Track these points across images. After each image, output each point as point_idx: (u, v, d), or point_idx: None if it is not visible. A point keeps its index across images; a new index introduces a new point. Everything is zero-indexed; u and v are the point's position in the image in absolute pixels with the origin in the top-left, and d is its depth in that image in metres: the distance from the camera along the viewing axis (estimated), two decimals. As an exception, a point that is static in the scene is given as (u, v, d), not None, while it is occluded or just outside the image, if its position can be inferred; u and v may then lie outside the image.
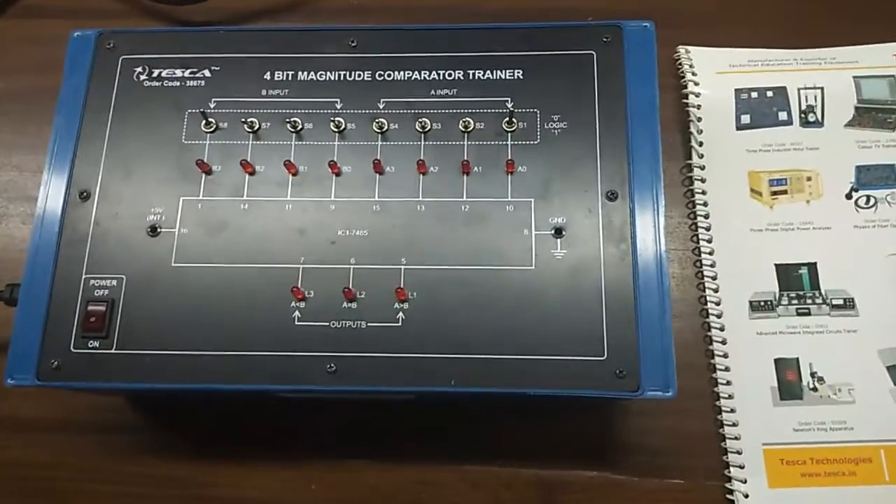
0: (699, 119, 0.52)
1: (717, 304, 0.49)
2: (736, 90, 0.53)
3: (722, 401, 0.47)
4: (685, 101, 0.53)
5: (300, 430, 0.48)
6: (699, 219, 0.51)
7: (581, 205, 0.42)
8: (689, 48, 0.54)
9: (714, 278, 0.50)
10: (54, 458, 0.49)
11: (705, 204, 0.51)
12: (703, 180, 0.52)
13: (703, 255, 0.50)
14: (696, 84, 0.53)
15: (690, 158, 0.52)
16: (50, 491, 0.48)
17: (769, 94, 0.53)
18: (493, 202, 0.43)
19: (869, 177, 0.51)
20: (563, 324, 0.40)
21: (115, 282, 0.42)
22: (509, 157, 0.43)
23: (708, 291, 0.50)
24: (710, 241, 0.51)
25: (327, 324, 0.41)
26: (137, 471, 0.48)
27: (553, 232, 0.42)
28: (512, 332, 0.40)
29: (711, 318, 0.49)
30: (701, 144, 0.52)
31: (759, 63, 0.54)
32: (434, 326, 0.41)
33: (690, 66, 0.54)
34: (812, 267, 0.50)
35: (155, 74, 0.46)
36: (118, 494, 0.48)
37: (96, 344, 0.41)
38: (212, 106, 0.46)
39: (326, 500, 0.47)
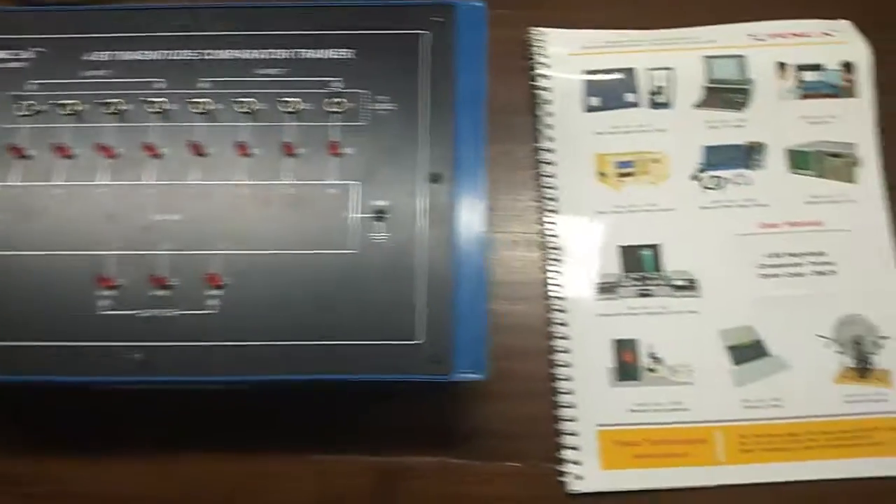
0: (548, 102, 0.52)
1: (561, 286, 0.49)
2: (585, 72, 0.52)
3: (560, 383, 0.47)
4: (533, 83, 0.53)
5: (135, 422, 0.47)
6: (546, 202, 0.51)
7: (405, 187, 0.42)
8: (544, 30, 0.54)
9: (559, 261, 0.50)
10: None
11: (553, 187, 0.51)
12: (551, 163, 0.51)
13: (548, 238, 0.50)
14: (547, 66, 0.52)
15: (540, 141, 0.52)
16: None
17: (618, 75, 0.52)
18: (317, 185, 0.42)
19: (716, 157, 0.51)
20: (382, 308, 0.40)
21: (-81, 271, 0.41)
22: (334, 139, 0.42)
23: (552, 274, 0.50)
24: (555, 224, 0.50)
25: (135, 312, 0.40)
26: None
27: (375, 215, 0.41)
28: (331, 317, 0.40)
29: (554, 300, 0.49)
30: (550, 127, 0.52)
31: (612, 44, 0.53)
32: (250, 313, 0.40)
33: (542, 47, 0.53)
34: (656, 249, 0.50)
35: (-30, 55, 0.45)
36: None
37: None
38: (31, 88, 0.44)
39: (161, 491, 0.46)
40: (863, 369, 0.48)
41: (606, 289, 0.49)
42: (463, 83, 0.43)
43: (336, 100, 0.43)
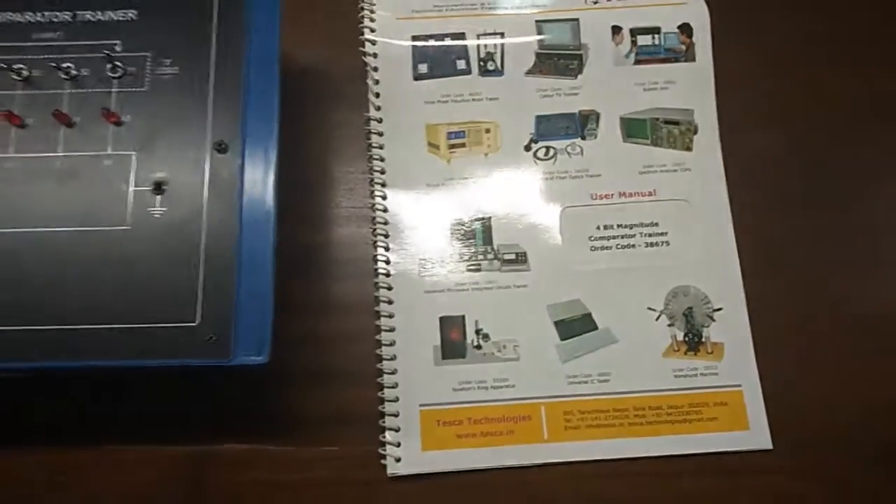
0: (375, 69, 0.50)
1: (388, 262, 0.47)
2: (413, 37, 0.50)
3: (384, 363, 0.45)
4: (361, 48, 0.50)
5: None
6: (375, 174, 0.48)
7: (187, 157, 0.39)
8: (373, -7, 0.52)
9: (386, 236, 0.47)
10: None
11: (382, 159, 0.49)
12: (380, 134, 0.49)
13: (377, 213, 0.48)
14: (373, 31, 0.50)
15: (369, 111, 0.49)
16: None
17: (447, 41, 0.50)
18: (91, 156, 0.39)
19: (549, 127, 0.50)
20: (157, 288, 0.37)
21: None
22: (109, 107, 0.39)
23: (379, 250, 0.47)
24: (384, 198, 0.48)
25: None
26: None
27: (153, 187, 0.39)
28: (102, 298, 0.37)
29: (381, 277, 0.47)
30: (378, 96, 0.49)
31: (443, 8, 0.51)
32: (15, 295, 0.37)
33: (371, 11, 0.50)
34: (486, 221, 0.48)
35: None
36: None
37: None
38: None
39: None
40: (694, 342, 0.47)
41: (434, 264, 0.47)
42: (256, 46, 0.41)
43: (115, 64, 0.40)
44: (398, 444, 0.44)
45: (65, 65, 0.40)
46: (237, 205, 0.38)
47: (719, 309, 0.47)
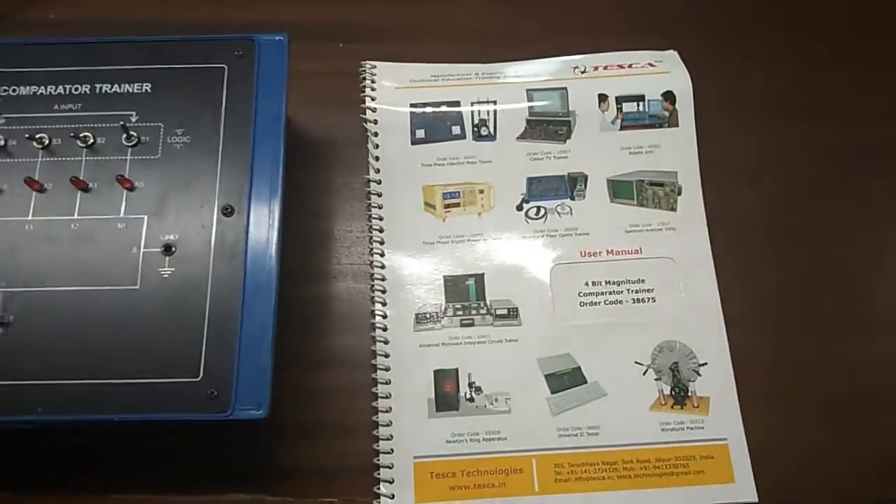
0: (376, 134, 0.52)
1: (384, 317, 0.49)
2: (411, 104, 0.53)
3: (380, 415, 0.47)
4: (363, 115, 0.53)
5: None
6: (374, 232, 0.51)
7: (196, 220, 0.42)
8: (375, 63, 0.55)
9: (384, 292, 0.50)
10: None
11: (381, 218, 0.51)
12: (379, 195, 0.52)
13: (374, 269, 0.50)
14: (374, 99, 0.53)
15: (369, 173, 0.52)
16: None
17: (443, 108, 0.53)
18: (106, 220, 0.41)
19: (539, 188, 0.52)
20: (164, 345, 0.39)
21: None
22: (123, 173, 0.42)
23: (377, 306, 0.49)
24: (382, 255, 0.50)
25: None
26: None
27: (163, 249, 0.41)
28: (111, 355, 0.39)
29: (378, 332, 0.49)
30: (378, 159, 0.52)
31: (438, 78, 0.54)
32: (28, 352, 0.39)
33: (372, 81, 0.54)
34: (479, 278, 0.50)
35: None
36: None
37: None
38: None
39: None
40: (680, 396, 0.48)
41: (429, 319, 0.49)
42: (262, 116, 0.43)
43: (130, 133, 0.43)
44: (392, 496, 0.45)
45: (83, 134, 0.43)
46: (241, 266, 0.41)
47: (704, 364, 0.49)
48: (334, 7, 0.58)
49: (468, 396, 0.48)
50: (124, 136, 0.43)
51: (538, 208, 0.52)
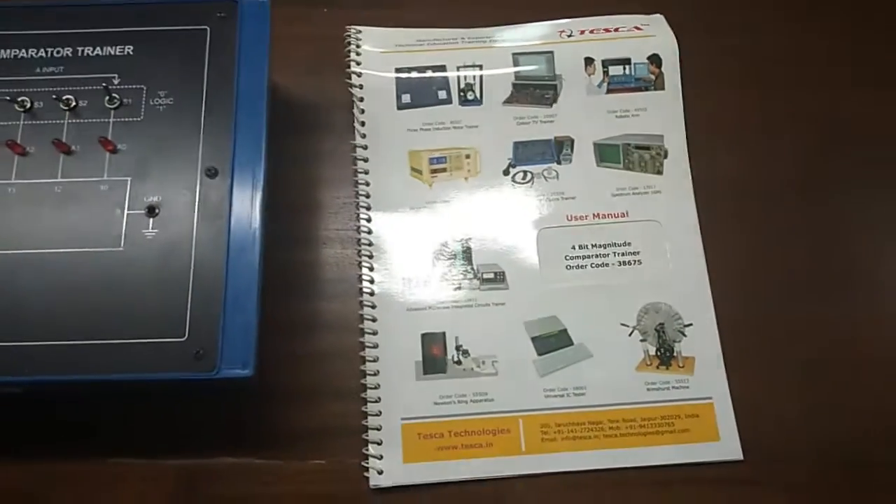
0: (361, 99, 0.52)
1: (371, 282, 0.49)
2: (397, 69, 0.53)
3: (368, 378, 0.47)
4: (348, 80, 0.53)
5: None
6: (360, 199, 0.51)
7: (179, 182, 0.42)
8: (360, 28, 0.54)
9: (370, 257, 0.50)
10: None
11: (367, 184, 0.51)
12: (365, 160, 0.52)
13: (361, 235, 0.50)
14: (359, 64, 0.53)
15: (355, 138, 0.52)
16: None
17: (429, 73, 0.53)
18: (89, 182, 0.41)
19: (526, 153, 0.52)
20: (149, 305, 0.39)
21: None
22: (106, 136, 0.42)
23: (364, 270, 0.49)
24: (369, 221, 0.50)
25: None
26: None
27: (146, 211, 0.41)
28: (95, 316, 0.39)
29: (365, 296, 0.49)
30: (363, 124, 0.52)
31: (424, 42, 0.54)
32: (17, 314, 0.39)
33: (357, 46, 0.53)
34: (466, 242, 0.50)
35: None
36: None
37: None
38: None
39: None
40: (665, 357, 0.48)
41: (417, 283, 0.49)
42: (245, 78, 0.43)
43: (112, 95, 0.42)
44: (380, 457, 0.46)
45: (65, 97, 0.42)
46: (226, 226, 0.41)
47: (690, 325, 0.49)
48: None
49: (455, 359, 0.48)
50: (106, 98, 0.42)
51: (525, 173, 0.52)
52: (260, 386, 0.47)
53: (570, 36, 0.54)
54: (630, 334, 0.49)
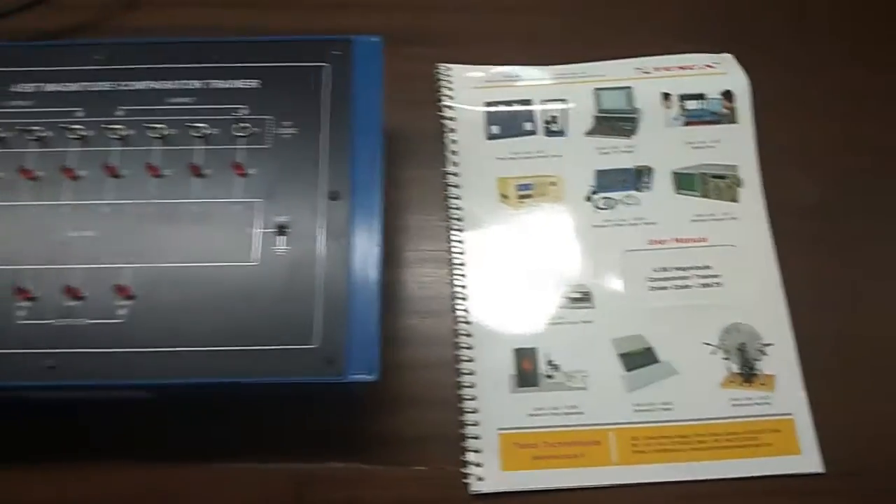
0: (453, 130, 0.56)
1: (465, 299, 0.52)
2: (486, 103, 0.57)
3: (464, 390, 0.50)
4: (440, 113, 0.57)
5: (55, 432, 0.48)
6: (452, 221, 0.54)
7: (305, 204, 0.45)
8: (449, 65, 0.59)
9: (464, 276, 0.53)
10: None
11: (458, 208, 0.55)
12: (456, 186, 0.55)
13: (454, 255, 0.54)
14: (451, 98, 0.57)
15: (447, 166, 0.56)
16: None
17: (516, 106, 0.57)
18: (222, 202, 0.45)
19: (607, 180, 0.55)
20: (281, 315, 0.43)
21: None
22: (239, 160, 0.46)
23: (457, 289, 0.53)
24: (461, 242, 0.54)
25: (50, 322, 0.42)
26: None
27: (277, 229, 0.44)
28: (232, 324, 0.42)
29: (459, 313, 0.52)
30: (455, 153, 0.56)
31: (510, 78, 0.58)
32: (155, 322, 0.43)
33: (448, 81, 0.58)
34: (554, 263, 0.53)
35: None
36: None
37: None
38: (-44, 117, 0.47)
39: (79, 501, 0.48)
40: (747, 374, 0.51)
41: (507, 301, 0.52)
42: (360, 110, 0.47)
43: (242, 125, 0.46)
44: (480, 465, 0.48)
45: (197, 125, 0.46)
46: (348, 244, 0.44)
47: (769, 344, 0.52)
48: (405, 14, 0.62)
49: (547, 373, 0.51)
50: (237, 127, 0.46)
51: (607, 199, 0.55)
52: (363, 394, 0.50)
53: (646, 73, 0.58)
54: (713, 353, 0.51)
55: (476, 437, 0.49)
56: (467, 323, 0.52)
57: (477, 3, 0.63)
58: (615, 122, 0.56)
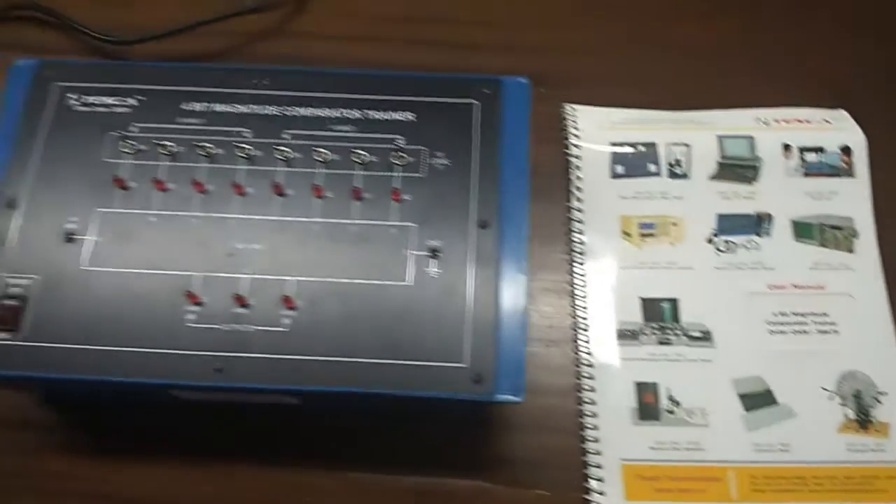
0: (579, 168, 0.59)
1: (587, 330, 0.54)
2: (612, 143, 0.60)
3: (586, 419, 0.52)
4: (566, 151, 0.60)
5: (196, 434, 0.52)
6: (575, 255, 0.57)
7: (456, 231, 0.48)
8: (575, 106, 0.62)
9: (585, 308, 0.55)
10: (-45, 450, 0.52)
11: (581, 242, 0.57)
12: (580, 221, 0.58)
13: (576, 287, 0.56)
14: (578, 137, 0.60)
15: (571, 202, 0.58)
16: (-49, 482, 0.51)
17: (641, 148, 0.59)
18: (379, 225, 0.48)
19: (729, 224, 0.58)
20: (433, 334, 0.45)
21: (30, 281, 0.46)
22: (396, 187, 0.49)
23: (579, 320, 0.55)
24: (583, 275, 0.56)
25: (218, 326, 0.45)
26: (39, 466, 0.51)
27: (429, 253, 0.47)
28: (387, 339, 0.45)
29: (581, 343, 0.54)
30: (580, 190, 0.58)
31: (635, 121, 0.61)
32: (317, 332, 0.45)
33: (574, 121, 0.61)
34: (674, 302, 0.55)
35: (86, 101, 0.52)
36: (20, 488, 0.51)
37: (6, 336, 0.45)
38: (134, 131, 0.51)
39: (216, 500, 0.50)
40: (863, 421, 0.52)
41: (629, 335, 0.54)
42: (508, 146, 0.50)
43: (399, 154, 0.49)
44: (603, 493, 0.50)
45: (358, 152, 0.50)
46: (496, 271, 0.46)
47: (884, 393, 0.53)
48: (531, 56, 0.65)
49: (668, 409, 0.52)
50: (394, 155, 0.49)
51: (728, 242, 0.57)
52: (489, 416, 0.52)
53: (765, 123, 0.60)
54: (830, 398, 0.52)
55: (598, 466, 0.50)
56: (588, 354, 0.54)
57: (599, 47, 0.66)
58: (737, 168, 0.59)
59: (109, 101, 0.52)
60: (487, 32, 0.67)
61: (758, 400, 0.53)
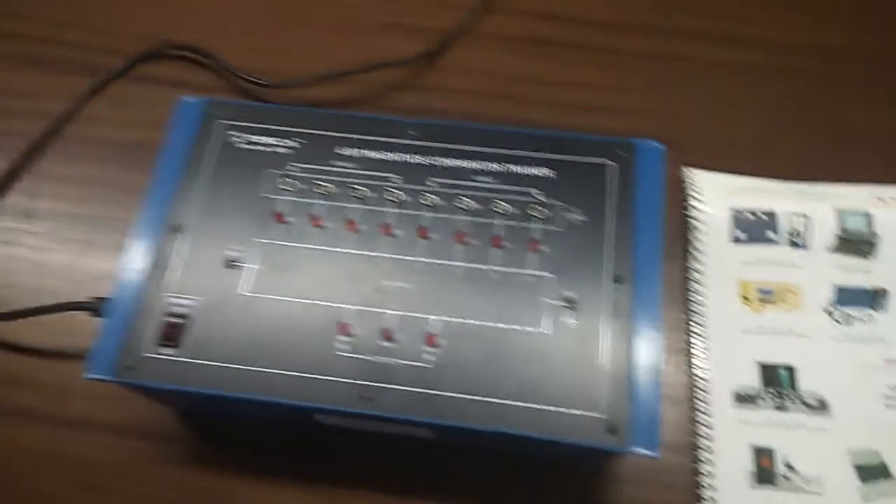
0: (699, 230, 0.61)
1: (705, 391, 0.56)
2: (733, 209, 0.62)
3: (703, 478, 0.53)
4: (686, 213, 0.62)
5: (329, 459, 0.55)
6: (694, 315, 0.58)
7: (592, 283, 0.50)
8: (694, 170, 0.64)
9: (702, 368, 0.56)
10: (105, 457, 0.55)
11: (701, 304, 0.59)
12: (699, 283, 0.59)
13: (693, 346, 0.57)
14: (699, 201, 0.62)
15: (690, 263, 0.60)
16: (97, 486, 0.54)
17: (762, 216, 0.61)
18: (518, 273, 0.51)
19: (846, 297, 0.59)
20: (568, 382, 0.47)
21: (193, 302, 0.50)
22: (534, 237, 0.51)
23: (697, 379, 0.56)
24: (702, 336, 0.57)
25: (365, 357, 0.48)
26: (177, 477, 0.54)
27: (565, 303, 0.49)
28: (524, 383, 0.47)
29: (698, 402, 0.55)
30: (700, 252, 0.60)
31: (754, 189, 0.63)
32: (457, 370, 0.48)
33: (694, 184, 0.63)
34: (791, 369, 0.56)
35: (248, 140, 0.56)
36: (156, 497, 0.54)
37: (169, 352, 0.49)
38: (293, 170, 0.55)
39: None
40: (982, 504, 0.52)
41: (746, 399, 0.55)
42: (641, 205, 0.52)
43: (537, 207, 0.52)
44: (723, 553, 0.50)
45: (498, 201, 0.53)
46: (631, 324, 0.48)
47: None
48: (649, 119, 0.68)
49: (784, 475, 0.53)
50: (532, 208, 0.52)
51: (844, 314, 0.58)
52: (616, 461, 0.54)
53: (881, 200, 0.62)
54: (949, 478, 0.52)
55: (716, 526, 0.51)
56: (705, 413, 0.55)
57: (717, 114, 0.68)
58: (855, 243, 0.60)
59: (270, 140, 0.56)
60: (608, 95, 0.70)
61: (873, 472, 0.53)
